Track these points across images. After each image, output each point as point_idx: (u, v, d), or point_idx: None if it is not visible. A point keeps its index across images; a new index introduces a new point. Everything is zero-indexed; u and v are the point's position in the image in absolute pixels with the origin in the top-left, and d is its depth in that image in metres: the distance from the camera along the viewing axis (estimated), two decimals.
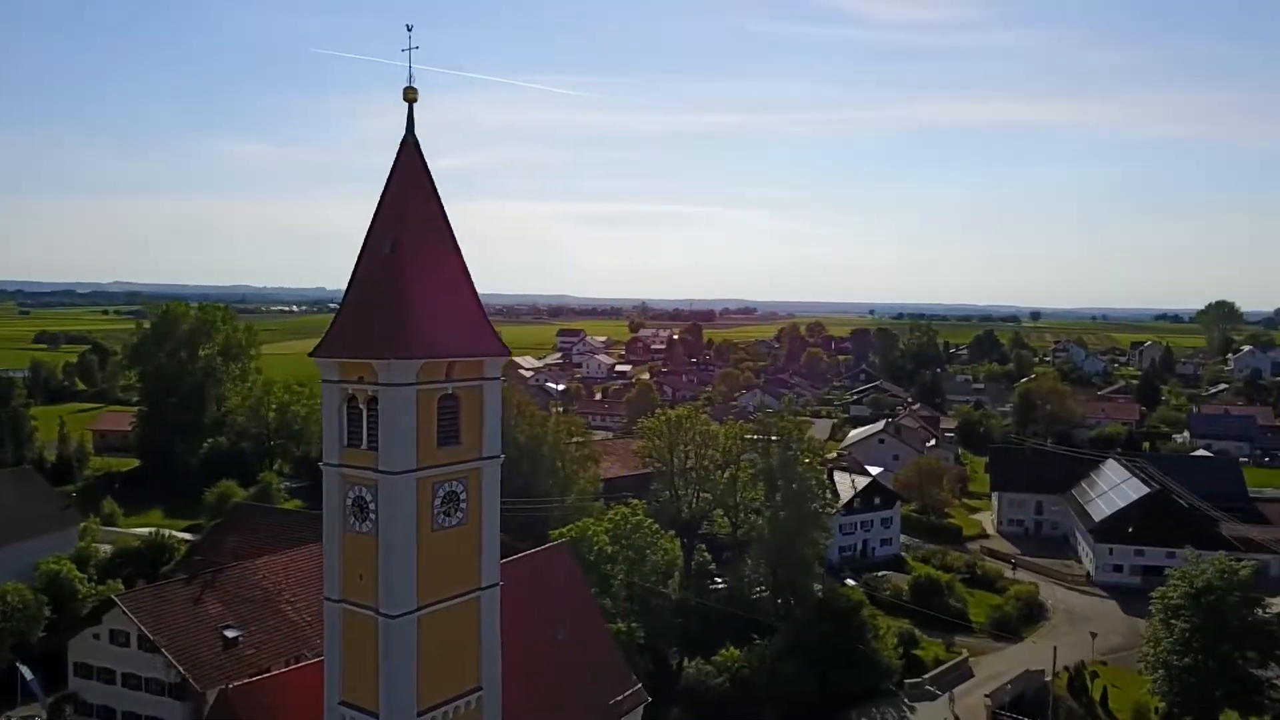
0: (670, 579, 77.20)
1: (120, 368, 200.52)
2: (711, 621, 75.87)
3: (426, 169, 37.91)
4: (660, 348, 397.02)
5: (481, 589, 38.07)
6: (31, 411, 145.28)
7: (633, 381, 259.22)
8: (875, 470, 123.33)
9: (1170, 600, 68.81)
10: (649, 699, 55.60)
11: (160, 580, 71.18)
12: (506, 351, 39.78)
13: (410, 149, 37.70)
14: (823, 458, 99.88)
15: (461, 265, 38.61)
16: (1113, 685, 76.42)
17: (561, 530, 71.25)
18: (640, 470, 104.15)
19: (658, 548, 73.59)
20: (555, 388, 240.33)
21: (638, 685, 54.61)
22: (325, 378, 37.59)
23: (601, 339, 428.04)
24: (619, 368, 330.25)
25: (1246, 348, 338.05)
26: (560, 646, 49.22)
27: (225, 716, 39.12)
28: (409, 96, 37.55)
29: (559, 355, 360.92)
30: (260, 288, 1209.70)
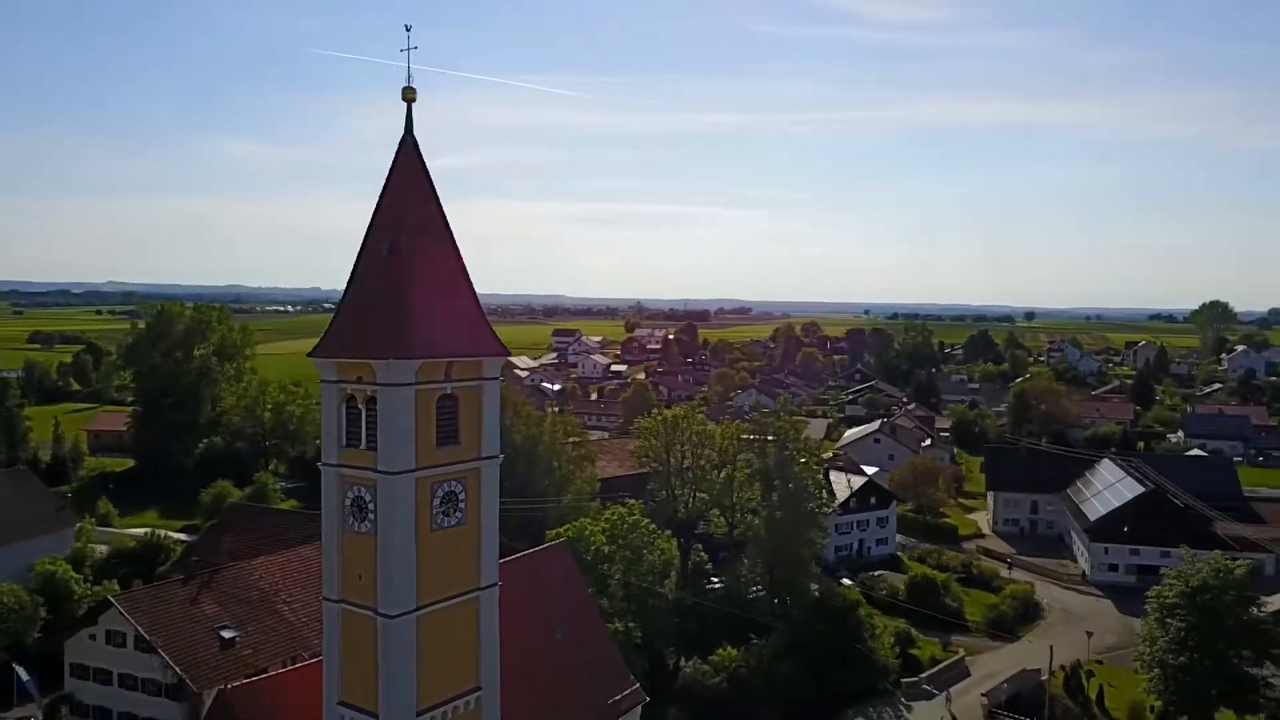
0: (667, 579, 77.19)
1: (115, 368, 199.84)
2: (708, 621, 75.96)
3: (425, 169, 37.86)
4: (656, 348, 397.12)
5: (480, 589, 38.06)
6: (26, 412, 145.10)
7: (628, 381, 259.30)
8: (871, 470, 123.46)
9: (1166, 599, 69.09)
10: (647, 699, 55.63)
11: (157, 581, 71.09)
12: (505, 351, 39.75)
13: (409, 149, 37.64)
14: (819, 457, 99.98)
15: (460, 265, 38.57)
16: (1108, 684, 76.66)
17: (558, 530, 71.21)
18: (636, 470, 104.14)
19: (654, 547, 73.59)
20: (551, 388, 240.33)
21: (635, 685, 54.66)
22: (324, 378, 37.53)
23: (597, 339, 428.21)
24: (614, 368, 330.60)
25: (1240, 348, 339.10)
26: (558, 646, 49.27)
27: (224, 717, 39.04)
28: (408, 97, 37.49)
29: (554, 355, 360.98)
30: (255, 287, 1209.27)
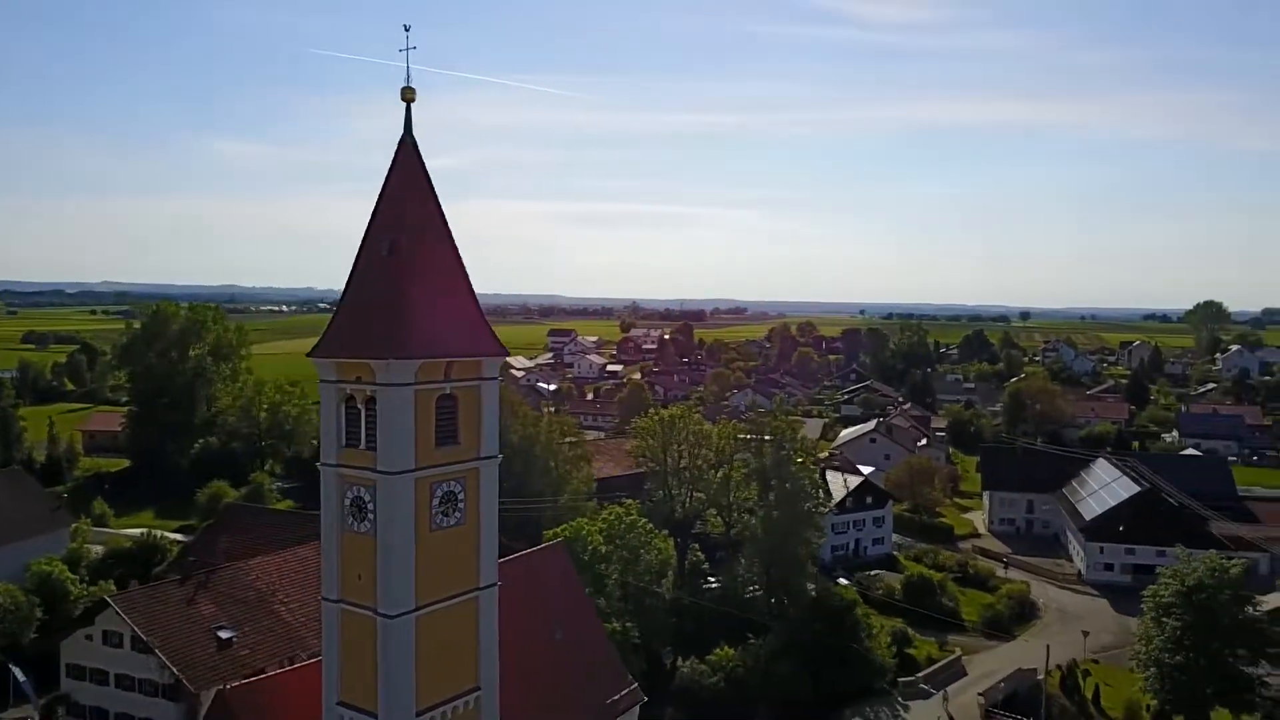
0: (664, 579, 77.28)
1: (110, 368, 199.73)
2: (705, 621, 76.05)
3: (425, 169, 37.81)
4: (651, 348, 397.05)
5: (480, 589, 38.03)
6: (20, 412, 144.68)
7: (624, 381, 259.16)
8: (867, 470, 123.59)
9: (1162, 598, 69.26)
10: (645, 698, 55.66)
11: (153, 581, 70.98)
12: (505, 351, 39.70)
13: (409, 149, 37.59)
14: (816, 457, 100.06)
15: (459, 265, 38.55)
16: (1105, 683, 76.83)
17: (556, 530, 71.21)
18: (633, 470, 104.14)
19: (652, 547, 73.58)
20: (547, 388, 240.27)
21: (634, 685, 54.68)
22: (323, 378, 37.46)
23: (593, 339, 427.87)
24: (610, 368, 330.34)
25: (1234, 347, 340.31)
26: (556, 646, 49.29)
27: (223, 717, 39.00)
28: (407, 97, 37.43)
29: (550, 355, 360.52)
30: (249, 287, 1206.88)
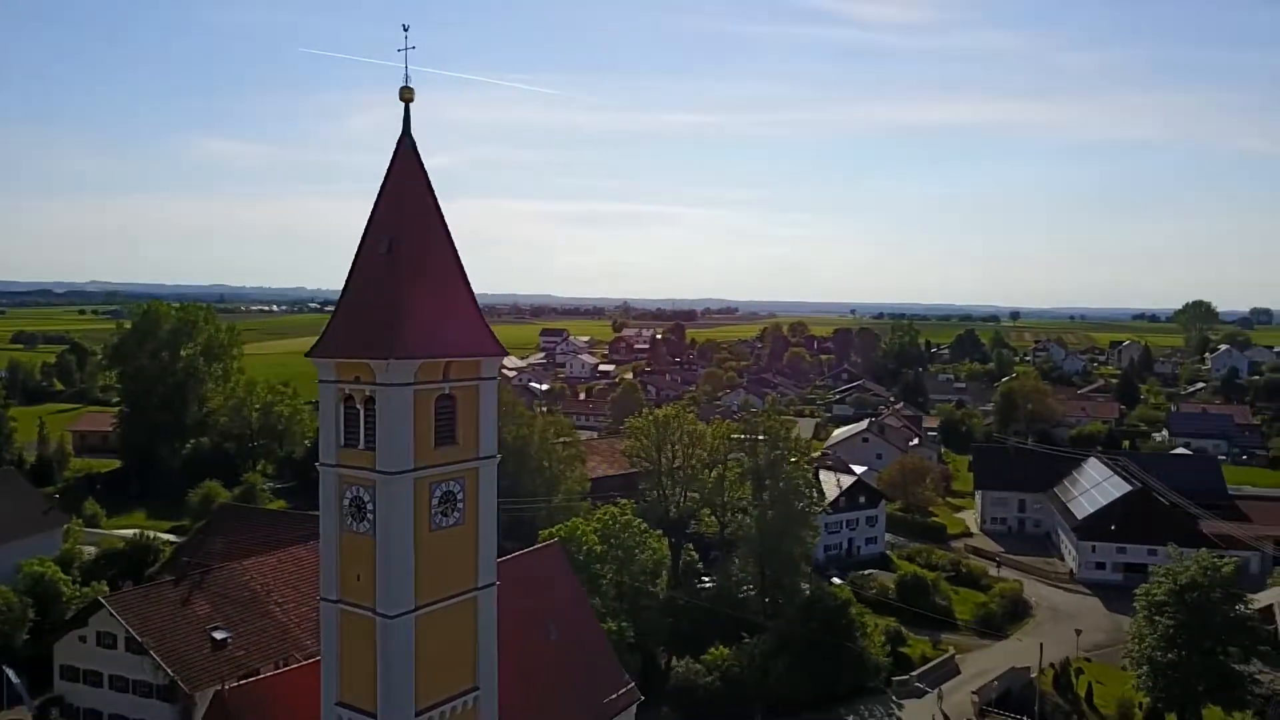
0: (658, 578, 77.29)
1: (100, 368, 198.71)
2: (700, 620, 76.07)
3: (423, 169, 37.74)
4: (643, 347, 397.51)
5: (478, 589, 38.04)
6: (10, 412, 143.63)
7: (616, 381, 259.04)
8: (859, 469, 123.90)
9: (1154, 597, 69.56)
10: (642, 698, 55.69)
11: (147, 582, 70.72)
12: (503, 351, 39.68)
13: (407, 149, 37.53)
14: (809, 457, 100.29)
15: (458, 265, 38.52)
16: (1097, 681, 77.18)
17: (551, 530, 71.22)
18: (627, 470, 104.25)
19: (646, 547, 73.63)
20: (539, 387, 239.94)
21: (630, 684, 54.73)
22: (322, 378, 37.38)
23: (585, 339, 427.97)
24: (602, 367, 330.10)
25: (1223, 347, 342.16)
26: (553, 646, 49.35)
27: (221, 718, 38.90)
28: (405, 97, 37.32)
29: (542, 355, 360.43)
30: (239, 287, 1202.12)
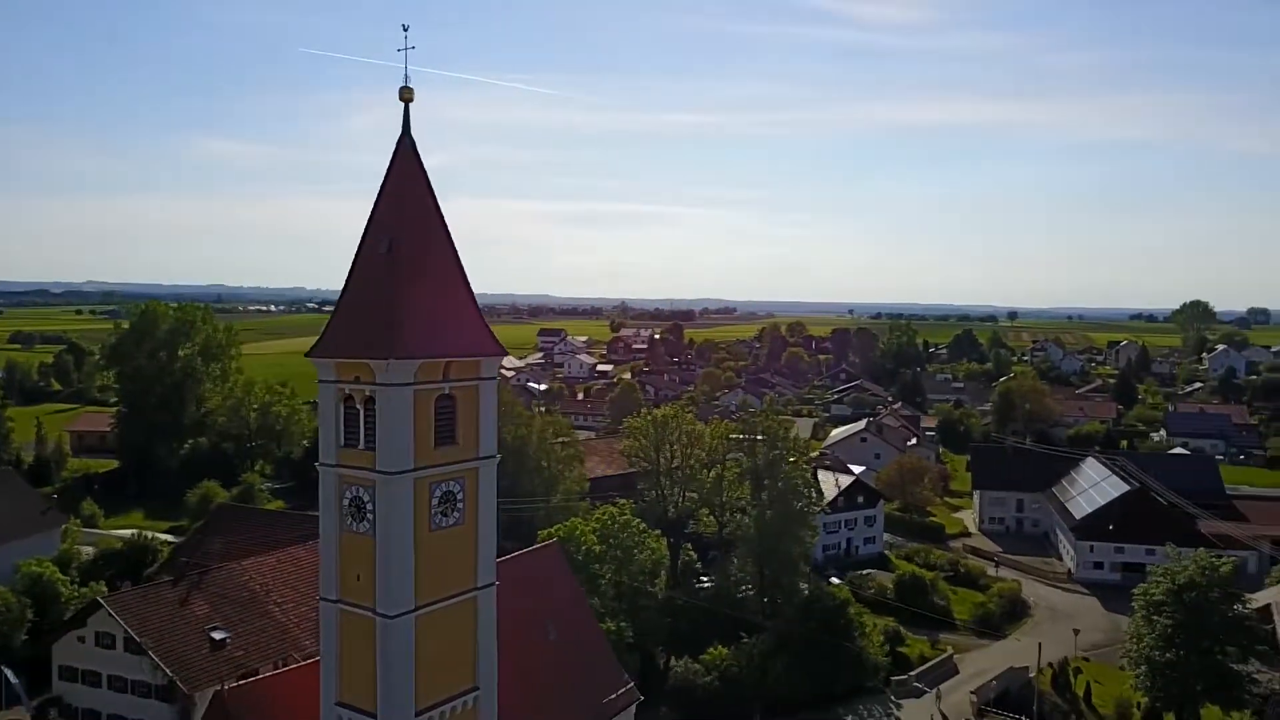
0: (657, 578, 77.30)
1: (98, 368, 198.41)
2: (699, 620, 76.03)
3: (423, 169, 37.75)
4: (642, 347, 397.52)
5: (478, 589, 38.05)
6: (7, 412, 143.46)
7: (615, 381, 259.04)
8: (858, 469, 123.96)
9: (1152, 596, 69.62)
10: (641, 698, 55.71)
11: (145, 582, 70.64)
12: (503, 351, 39.67)
13: (407, 149, 37.53)
14: (807, 457, 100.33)
15: (458, 265, 38.52)
16: (1096, 681, 77.27)
17: (550, 530, 71.23)
18: (626, 470, 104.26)
19: (645, 547, 73.64)
20: (537, 387, 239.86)
21: (629, 684, 54.74)
22: (322, 378, 37.37)
23: (583, 339, 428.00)
24: (600, 367, 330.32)
25: (1221, 347, 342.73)
26: (553, 646, 49.35)
27: (220, 718, 38.88)
28: (405, 97, 37.33)
29: (540, 355, 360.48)
30: (237, 287, 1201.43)
